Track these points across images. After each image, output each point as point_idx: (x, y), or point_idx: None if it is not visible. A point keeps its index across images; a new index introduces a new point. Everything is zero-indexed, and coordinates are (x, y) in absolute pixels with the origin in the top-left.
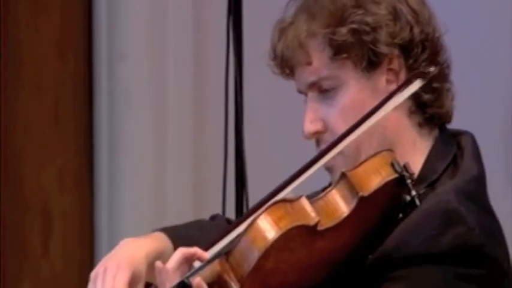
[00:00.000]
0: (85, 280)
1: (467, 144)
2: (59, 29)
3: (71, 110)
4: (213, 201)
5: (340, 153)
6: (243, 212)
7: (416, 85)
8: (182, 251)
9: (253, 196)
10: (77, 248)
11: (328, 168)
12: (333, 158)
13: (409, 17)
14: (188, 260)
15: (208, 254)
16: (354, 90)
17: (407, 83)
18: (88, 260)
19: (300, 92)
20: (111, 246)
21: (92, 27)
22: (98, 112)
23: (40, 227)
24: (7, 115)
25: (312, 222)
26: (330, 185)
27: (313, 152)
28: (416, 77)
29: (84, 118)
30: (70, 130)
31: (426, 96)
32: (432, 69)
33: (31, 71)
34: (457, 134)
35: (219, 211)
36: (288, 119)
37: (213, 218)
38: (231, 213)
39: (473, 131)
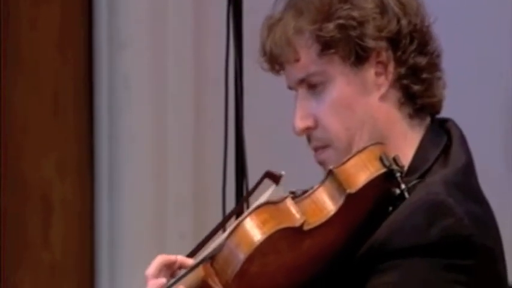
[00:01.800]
0: (85, 269)
1: (455, 136)
2: (59, 19)
3: (71, 99)
4: (214, 189)
5: (331, 146)
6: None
7: (270, 190)
8: (162, 257)
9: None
10: (77, 237)
11: (321, 162)
12: (324, 151)
13: (396, 9)
14: (169, 267)
15: (191, 261)
16: (343, 85)
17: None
18: (88, 249)
19: (290, 88)
20: (111, 235)
21: (92, 16)
22: (98, 101)
23: (40, 217)
24: (7, 105)
25: (297, 224)
26: None
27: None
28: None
29: (85, 107)
30: (70, 119)
31: (416, 88)
32: (283, 173)
33: (31, 61)
34: (443, 122)
35: (219, 200)
36: (287, 108)
37: None
38: (231, 202)
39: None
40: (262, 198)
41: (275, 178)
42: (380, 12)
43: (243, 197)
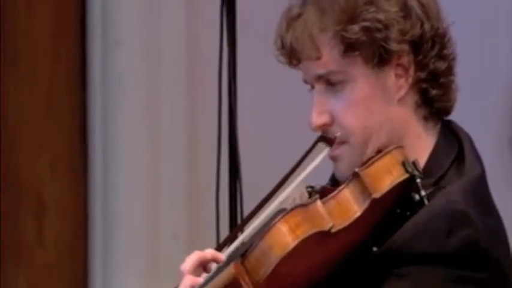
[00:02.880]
0: (78, 269)
1: (465, 141)
2: (53, 16)
3: (65, 98)
4: (207, 189)
5: (347, 143)
6: (236, 201)
7: (324, 153)
8: (198, 255)
9: (247, 186)
10: (71, 237)
11: (333, 157)
12: (339, 147)
13: (420, 13)
14: (203, 263)
15: (223, 256)
16: (364, 86)
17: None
18: (82, 249)
19: (306, 82)
20: (105, 234)
21: (86, 14)
22: (92, 99)
23: (34, 216)
24: (1, 104)
25: (327, 227)
26: (333, 175)
27: (308, 141)
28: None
29: (78, 106)
30: (64, 118)
31: (434, 92)
32: (337, 134)
33: (25, 58)
34: (447, 123)
35: (212, 200)
36: (282, 106)
37: None
38: (224, 202)
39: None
40: (316, 162)
41: (329, 141)
42: (404, 16)
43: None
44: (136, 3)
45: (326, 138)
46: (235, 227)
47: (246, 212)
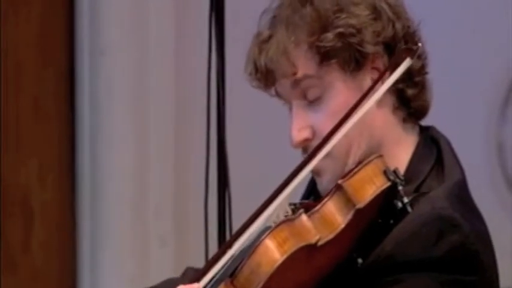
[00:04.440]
0: (66, 275)
1: (444, 145)
2: (40, 24)
3: (53, 103)
4: (195, 193)
5: (329, 155)
6: (225, 205)
7: (406, 64)
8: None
9: (236, 190)
10: (58, 242)
11: (316, 172)
12: (321, 161)
13: (390, 14)
14: None
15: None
16: (341, 93)
17: (395, 66)
18: (69, 254)
19: (283, 100)
20: (93, 241)
21: (74, 21)
22: (80, 106)
23: (21, 222)
24: None
25: (313, 241)
26: (316, 190)
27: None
28: (405, 55)
29: (66, 112)
30: (51, 124)
31: (410, 91)
32: (419, 44)
33: (12, 65)
34: (431, 133)
35: (201, 203)
36: (271, 114)
37: (184, 273)
38: (213, 206)
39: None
40: (398, 72)
41: (411, 52)
42: (375, 18)
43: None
44: (125, 10)
45: (408, 50)
46: (223, 244)
47: (235, 217)
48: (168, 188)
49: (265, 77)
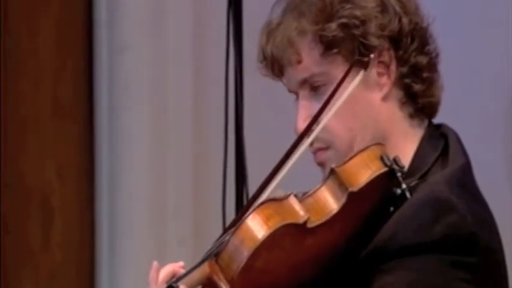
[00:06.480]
0: (85, 273)
1: (451, 137)
2: (59, 22)
3: (72, 102)
4: (213, 194)
5: (333, 147)
6: (243, 205)
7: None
8: (172, 265)
9: (254, 190)
10: (77, 241)
11: (320, 163)
12: (325, 152)
13: (397, 8)
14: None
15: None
16: (346, 85)
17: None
18: (88, 253)
19: (291, 91)
20: (111, 239)
21: (92, 19)
22: (99, 105)
23: (40, 221)
24: (7, 108)
25: (301, 220)
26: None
27: None
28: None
29: (85, 111)
30: (70, 123)
31: (417, 87)
32: (371, 56)
33: (31, 63)
34: (438, 126)
35: (219, 206)
36: (288, 110)
37: None
38: (231, 207)
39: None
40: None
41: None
42: (381, 11)
43: None
44: (143, 8)
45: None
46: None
47: None
48: (187, 187)
49: (271, 64)
